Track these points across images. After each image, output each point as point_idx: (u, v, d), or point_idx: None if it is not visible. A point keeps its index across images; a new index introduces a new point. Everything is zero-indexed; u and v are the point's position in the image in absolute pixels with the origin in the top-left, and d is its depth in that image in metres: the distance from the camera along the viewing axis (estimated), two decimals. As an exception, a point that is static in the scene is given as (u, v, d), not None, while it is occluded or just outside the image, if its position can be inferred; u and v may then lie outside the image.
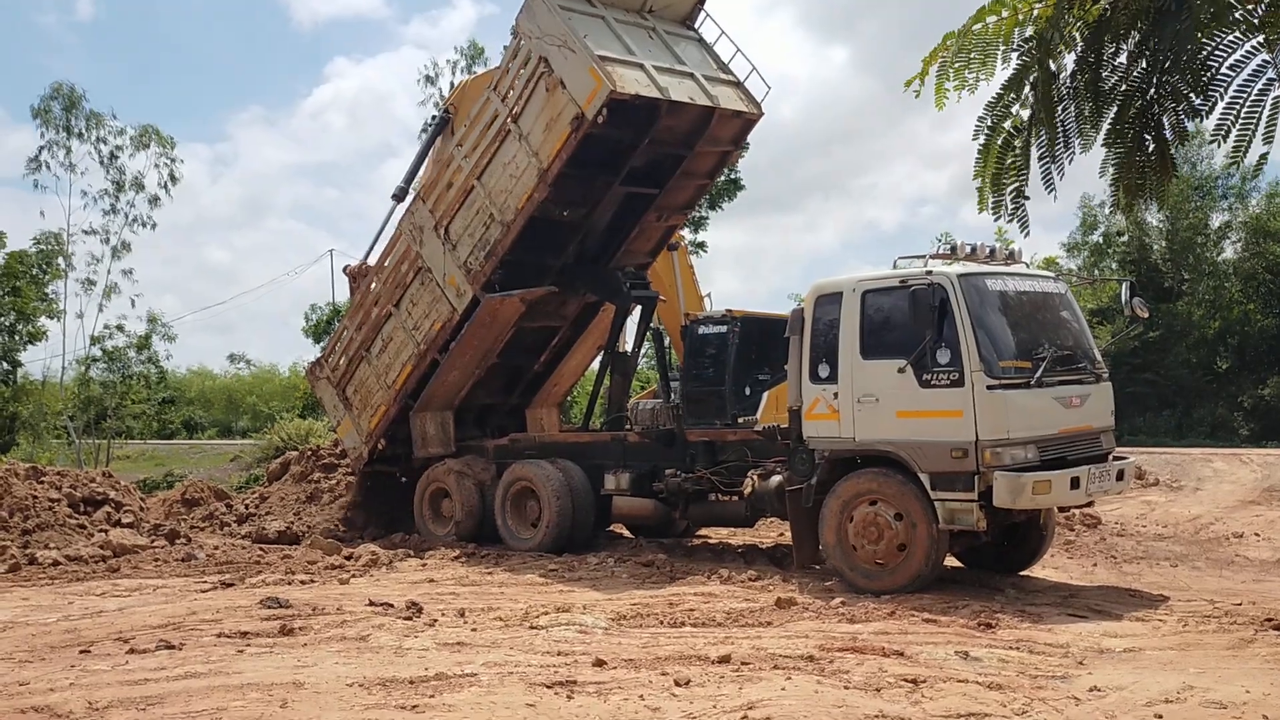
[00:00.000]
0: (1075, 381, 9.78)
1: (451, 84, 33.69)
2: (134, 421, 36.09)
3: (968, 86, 5.62)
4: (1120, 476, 9.96)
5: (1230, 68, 5.10)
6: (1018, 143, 5.70)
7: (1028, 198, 5.75)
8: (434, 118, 17.02)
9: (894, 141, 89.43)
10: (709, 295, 15.55)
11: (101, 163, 32.62)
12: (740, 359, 12.33)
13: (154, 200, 33.23)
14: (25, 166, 32.85)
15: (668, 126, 12.62)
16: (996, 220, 5.79)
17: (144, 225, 33.54)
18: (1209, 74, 5.12)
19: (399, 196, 14.75)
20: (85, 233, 33.12)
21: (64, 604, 9.81)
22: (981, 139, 5.75)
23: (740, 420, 11.83)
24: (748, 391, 12.18)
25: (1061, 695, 6.30)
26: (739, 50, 13.20)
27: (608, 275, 13.99)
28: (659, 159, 13.30)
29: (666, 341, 14.59)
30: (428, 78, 35.08)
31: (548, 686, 6.48)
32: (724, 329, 12.56)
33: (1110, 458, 10.03)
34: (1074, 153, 5.67)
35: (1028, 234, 5.89)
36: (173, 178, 33.28)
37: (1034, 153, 5.68)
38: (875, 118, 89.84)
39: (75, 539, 13.32)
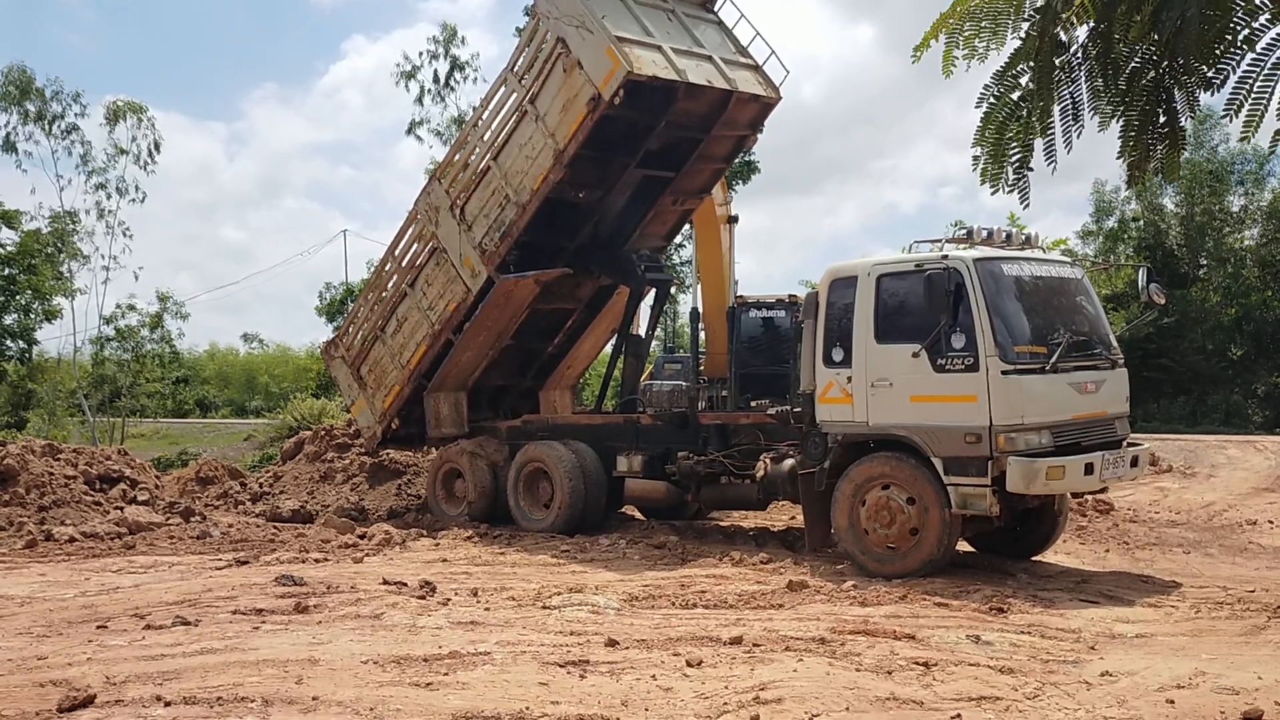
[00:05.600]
0: (1090, 367, 9.74)
1: (435, 74, 32.68)
2: (148, 400, 36.22)
3: (977, 55, 5.48)
4: (1134, 463, 9.93)
5: (1243, 42, 5.04)
6: (1023, 113, 5.59)
7: (1031, 169, 5.66)
8: None
9: (916, 123, 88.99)
10: (736, 282, 15.53)
11: (62, 135, 32.24)
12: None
13: (145, 164, 32.87)
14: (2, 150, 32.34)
15: (685, 109, 12.59)
16: (994, 192, 5.67)
17: (134, 200, 33.15)
18: (1221, 48, 5.05)
19: None
20: (68, 213, 32.88)
21: (80, 580, 9.89)
22: (985, 108, 5.64)
23: (754, 404, 11.87)
24: None
25: (1073, 680, 6.31)
26: (758, 34, 13.17)
27: (623, 258, 13.99)
28: (676, 142, 13.27)
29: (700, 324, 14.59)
30: (405, 74, 33.08)
31: (560, 666, 6.52)
32: (783, 313, 12.58)
33: (1124, 444, 10.00)
34: (1083, 126, 5.58)
35: (1027, 205, 5.84)
36: (156, 145, 33.03)
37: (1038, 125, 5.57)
38: (898, 99, 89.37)
39: (91, 516, 13.39)
